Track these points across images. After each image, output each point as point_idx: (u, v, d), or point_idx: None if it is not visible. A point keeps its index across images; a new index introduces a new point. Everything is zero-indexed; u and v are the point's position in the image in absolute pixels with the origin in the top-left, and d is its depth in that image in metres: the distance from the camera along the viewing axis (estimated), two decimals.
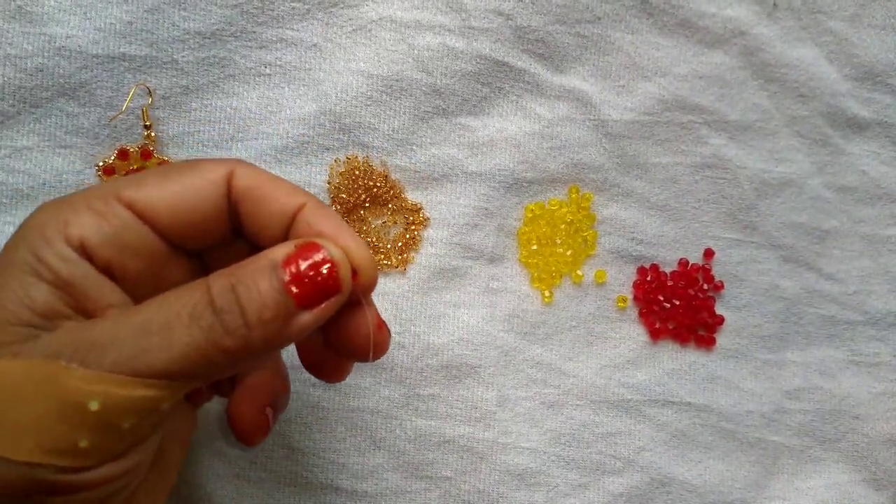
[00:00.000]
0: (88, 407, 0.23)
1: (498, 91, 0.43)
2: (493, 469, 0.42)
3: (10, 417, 0.24)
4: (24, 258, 0.26)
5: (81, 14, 0.39)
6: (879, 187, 0.46)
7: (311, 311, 0.26)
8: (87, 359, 0.24)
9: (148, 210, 0.27)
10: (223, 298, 0.25)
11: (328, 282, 0.26)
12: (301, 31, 0.41)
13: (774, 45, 0.45)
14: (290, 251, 0.26)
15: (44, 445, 0.24)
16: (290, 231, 0.28)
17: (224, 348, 0.25)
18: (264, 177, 0.29)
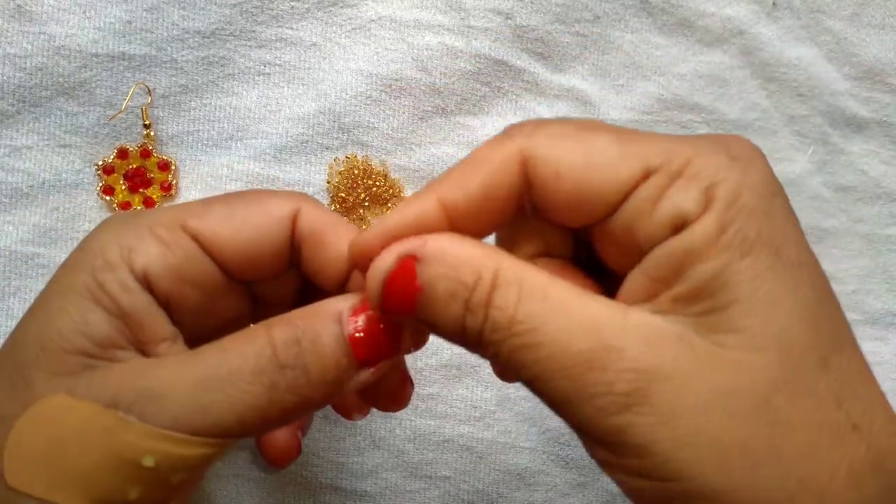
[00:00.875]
0: (143, 463, 0.23)
1: (497, 90, 0.43)
2: (493, 468, 0.42)
3: (64, 463, 0.23)
4: (86, 283, 0.25)
5: (81, 13, 0.39)
6: (879, 186, 0.46)
7: (369, 371, 0.25)
8: (146, 411, 0.23)
9: (212, 243, 0.27)
10: (287, 353, 0.24)
11: (390, 342, 0.25)
12: (300, 31, 0.41)
13: (774, 45, 0.45)
14: (356, 303, 0.25)
15: (92, 495, 0.23)
16: (349, 278, 0.28)
17: (284, 406, 0.24)
18: (328, 219, 0.28)
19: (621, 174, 0.23)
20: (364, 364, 0.25)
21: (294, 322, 0.24)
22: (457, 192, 0.24)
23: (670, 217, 0.23)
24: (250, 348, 0.24)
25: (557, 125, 0.25)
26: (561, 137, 0.24)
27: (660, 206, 0.23)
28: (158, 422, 0.23)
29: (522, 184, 0.24)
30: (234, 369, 0.24)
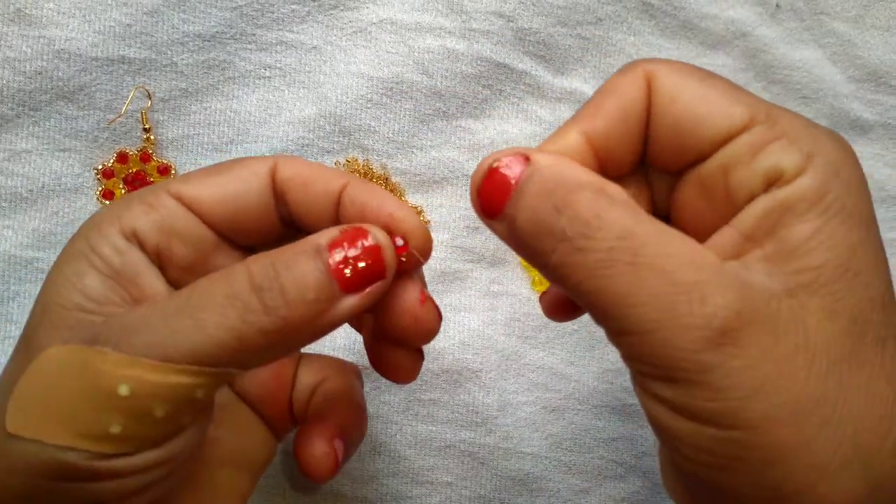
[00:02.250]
0: (118, 392, 0.23)
1: (499, 93, 0.43)
2: (495, 474, 0.42)
3: (47, 402, 0.24)
4: (81, 249, 0.27)
5: (81, 17, 0.39)
6: (883, 189, 0.46)
7: (355, 296, 0.25)
8: (121, 343, 0.24)
9: (194, 200, 0.28)
10: (263, 275, 0.24)
11: (373, 266, 0.26)
12: (301, 34, 0.41)
13: (777, 47, 0.44)
14: (335, 235, 0.26)
15: (76, 429, 0.23)
16: (338, 210, 0.28)
17: (260, 328, 0.24)
18: (305, 164, 0.29)
19: (732, 114, 0.24)
20: (349, 289, 0.25)
21: (273, 253, 0.25)
22: (595, 120, 0.26)
23: (769, 168, 0.24)
24: (227, 278, 0.25)
25: (681, 63, 0.26)
26: (682, 68, 0.26)
27: (760, 156, 0.24)
28: (133, 351, 0.23)
29: (648, 107, 0.26)
30: (206, 294, 0.24)
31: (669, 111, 0.25)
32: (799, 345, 0.22)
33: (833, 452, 0.22)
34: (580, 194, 0.24)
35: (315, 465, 0.32)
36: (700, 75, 0.26)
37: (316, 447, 0.32)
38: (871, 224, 0.24)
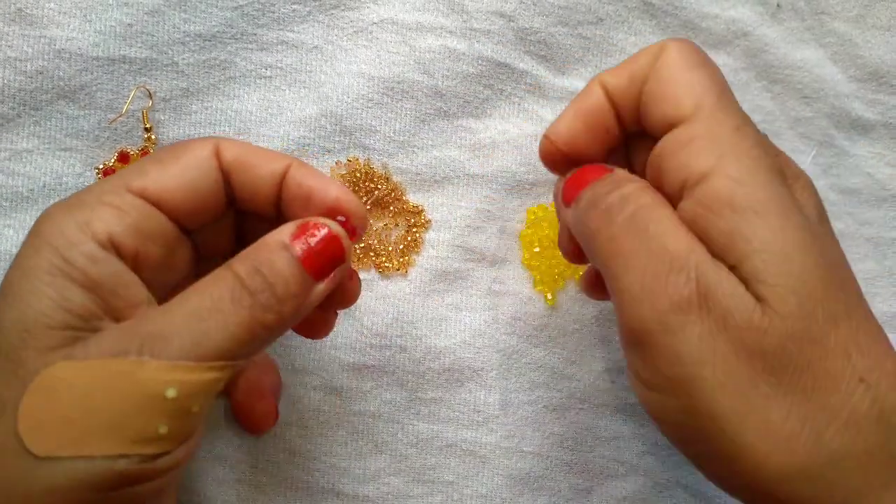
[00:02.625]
0: (166, 395, 0.25)
1: (500, 93, 0.43)
2: (496, 473, 0.42)
3: (89, 417, 0.24)
4: (52, 262, 0.26)
5: (82, 17, 0.39)
6: (885, 189, 0.46)
7: (323, 282, 0.29)
8: (155, 350, 0.25)
9: (158, 195, 0.29)
10: (253, 281, 0.27)
11: (335, 254, 0.29)
12: (302, 34, 0.41)
13: (778, 47, 0.44)
14: (293, 230, 0.29)
15: (130, 437, 0.25)
16: (282, 189, 0.31)
17: (265, 324, 0.27)
18: (247, 147, 0.31)
19: (681, 102, 0.28)
20: (319, 276, 0.29)
21: (248, 256, 0.28)
22: (613, 77, 0.31)
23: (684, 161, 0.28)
24: (223, 283, 0.27)
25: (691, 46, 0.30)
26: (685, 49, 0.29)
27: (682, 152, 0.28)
28: (169, 356, 0.25)
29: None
30: (216, 300, 0.26)
31: (651, 83, 0.30)
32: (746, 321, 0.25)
33: (780, 423, 0.25)
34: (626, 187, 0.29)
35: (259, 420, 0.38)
36: (693, 60, 0.29)
37: (258, 406, 0.37)
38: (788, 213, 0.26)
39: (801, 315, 0.25)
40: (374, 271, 0.42)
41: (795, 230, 0.26)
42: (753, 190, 0.26)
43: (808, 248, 0.26)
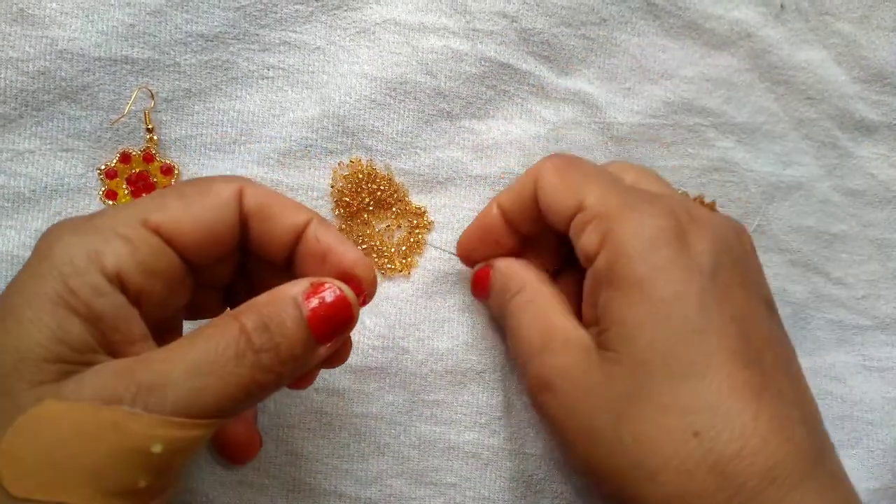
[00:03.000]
0: (152, 450, 0.24)
1: (503, 94, 0.43)
2: (499, 475, 0.41)
3: (69, 462, 0.24)
4: (57, 290, 0.25)
5: (84, 17, 0.38)
6: (889, 190, 0.46)
7: (327, 345, 0.29)
8: (149, 403, 0.24)
9: (174, 233, 0.28)
10: (259, 337, 0.26)
11: (344, 320, 0.29)
12: (304, 34, 0.41)
13: (782, 48, 0.44)
14: (307, 288, 0.28)
15: (108, 488, 0.24)
16: (299, 244, 0.30)
17: (262, 384, 0.27)
18: (271, 194, 0.30)
19: (566, 202, 0.34)
20: (323, 340, 0.28)
21: (259, 309, 0.27)
22: (505, 198, 0.38)
23: (581, 249, 0.33)
24: (228, 336, 0.26)
25: (564, 157, 0.37)
26: (554, 166, 0.35)
27: (579, 238, 0.33)
28: (162, 410, 0.24)
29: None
30: (219, 355, 0.26)
31: (541, 197, 0.35)
32: (591, 389, 0.31)
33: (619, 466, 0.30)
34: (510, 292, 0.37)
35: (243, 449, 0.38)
36: (561, 171, 0.35)
37: (241, 433, 0.37)
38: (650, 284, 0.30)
39: (635, 377, 0.30)
40: (376, 272, 0.42)
41: (648, 303, 0.30)
42: (625, 265, 0.31)
43: (654, 318, 0.30)
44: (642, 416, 0.29)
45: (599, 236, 0.32)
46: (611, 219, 0.32)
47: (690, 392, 0.29)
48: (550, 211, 0.35)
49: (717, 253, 0.31)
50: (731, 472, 0.28)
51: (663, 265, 0.30)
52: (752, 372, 0.29)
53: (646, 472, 0.29)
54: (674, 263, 0.30)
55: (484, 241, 0.38)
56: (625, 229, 0.31)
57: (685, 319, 0.30)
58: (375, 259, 0.42)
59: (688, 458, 0.28)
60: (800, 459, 0.28)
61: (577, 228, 0.33)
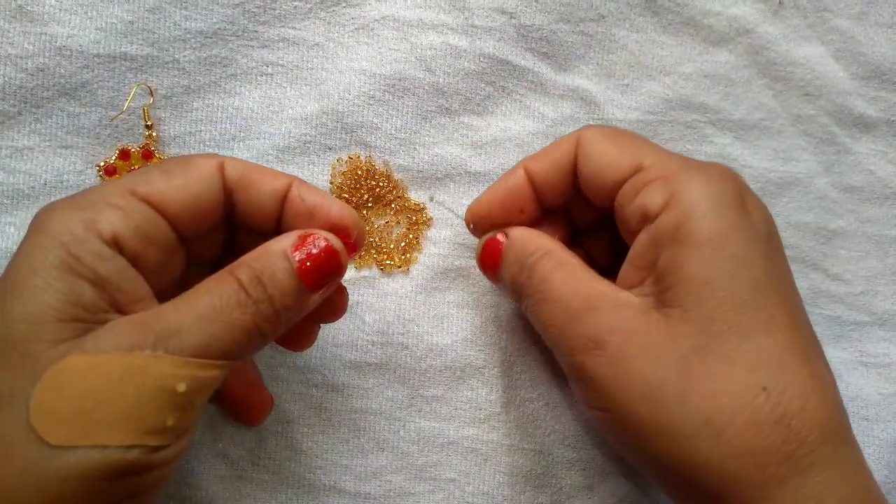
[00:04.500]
0: (177, 389, 0.26)
1: (501, 90, 0.43)
2: (498, 471, 0.42)
3: (104, 408, 0.25)
4: (61, 258, 0.27)
5: (83, 13, 0.39)
6: (887, 187, 0.46)
7: (319, 293, 0.31)
8: (169, 347, 0.27)
9: (162, 203, 0.30)
10: (255, 290, 0.28)
11: (332, 267, 0.31)
12: (303, 31, 0.41)
13: (780, 44, 0.44)
14: (294, 241, 0.30)
15: (142, 428, 0.26)
16: (284, 206, 0.32)
17: (263, 331, 0.29)
18: (250, 165, 0.32)
19: (620, 164, 0.33)
20: (315, 288, 0.30)
21: (250, 264, 0.29)
22: (538, 163, 0.36)
23: (640, 208, 0.32)
24: (228, 288, 0.28)
25: (607, 127, 0.35)
26: (602, 133, 0.34)
27: (636, 198, 0.32)
28: (182, 352, 0.27)
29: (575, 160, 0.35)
30: (224, 304, 0.28)
31: (587, 162, 0.34)
32: (651, 344, 0.30)
33: (681, 424, 0.29)
34: (531, 259, 0.34)
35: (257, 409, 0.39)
36: (612, 137, 0.34)
37: (253, 396, 0.38)
38: (724, 242, 0.30)
39: (704, 334, 0.29)
40: (375, 269, 0.42)
41: (722, 260, 0.30)
42: (698, 223, 0.30)
43: (727, 274, 0.30)
44: (711, 373, 0.29)
45: (665, 196, 0.31)
46: (676, 180, 0.31)
47: (758, 348, 0.29)
48: (598, 176, 0.34)
49: (768, 221, 0.32)
50: (796, 426, 0.28)
51: (733, 225, 0.30)
52: (803, 335, 0.31)
53: (713, 429, 0.28)
54: (740, 225, 0.31)
55: (504, 208, 0.36)
56: (693, 190, 0.31)
57: (753, 278, 0.30)
58: (375, 255, 0.42)
59: (757, 412, 0.28)
60: (844, 419, 0.30)
61: (633, 190, 0.32)
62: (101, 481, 0.25)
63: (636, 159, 0.33)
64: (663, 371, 0.29)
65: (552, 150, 0.35)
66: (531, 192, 0.36)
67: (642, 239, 0.32)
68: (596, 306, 0.32)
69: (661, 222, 0.31)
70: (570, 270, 0.33)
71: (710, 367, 0.29)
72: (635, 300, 0.32)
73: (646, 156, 0.33)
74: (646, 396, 0.30)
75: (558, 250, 0.34)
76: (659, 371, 0.30)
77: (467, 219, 0.37)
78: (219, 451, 0.40)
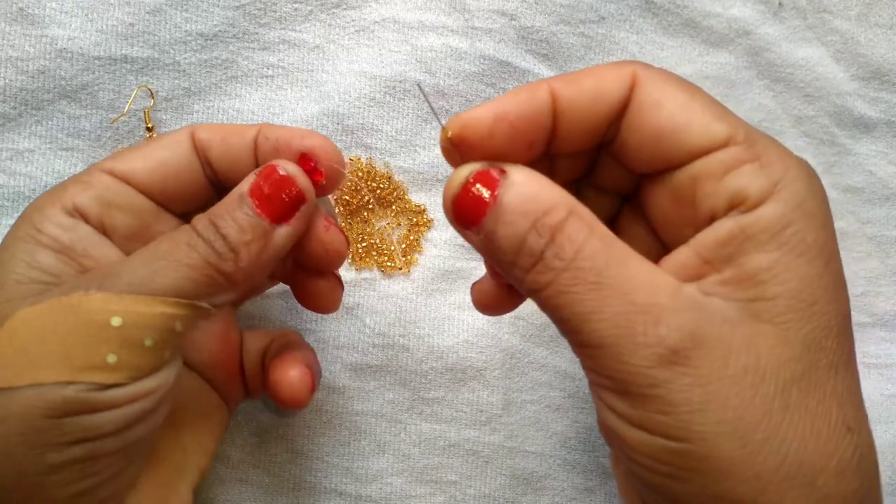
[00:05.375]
0: (111, 323, 0.26)
1: (502, 91, 0.43)
2: (499, 473, 0.41)
3: (41, 349, 0.26)
4: (27, 232, 0.29)
5: (83, 16, 0.39)
6: (887, 188, 0.46)
7: (287, 225, 0.29)
8: (104, 286, 0.27)
9: (127, 172, 0.30)
10: (207, 232, 0.28)
11: (290, 193, 0.29)
12: (304, 33, 0.41)
13: (780, 45, 0.44)
14: (253, 180, 0.29)
15: (74, 364, 0.26)
16: (256, 152, 0.31)
17: (223, 270, 0.28)
18: (221, 125, 0.32)
19: (713, 129, 0.26)
20: (277, 219, 0.29)
21: (209, 211, 0.29)
22: (570, 87, 0.27)
23: (735, 190, 0.25)
24: (181, 233, 0.28)
25: (669, 72, 0.27)
26: (670, 77, 0.27)
27: (730, 176, 0.25)
28: (118, 290, 0.27)
29: (626, 101, 0.27)
30: (172, 245, 0.28)
31: (653, 115, 0.26)
32: (749, 367, 0.24)
33: (776, 467, 0.24)
34: (555, 216, 0.25)
35: (294, 387, 0.34)
36: (686, 86, 0.27)
37: (291, 371, 0.35)
38: (830, 256, 0.25)
39: (802, 360, 0.24)
40: (376, 270, 0.42)
41: (828, 277, 0.25)
42: (801, 227, 0.25)
43: (831, 297, 0.25)
44: (808, 408, 0.24)
45: (770, 183, 0.25)
46: (778, 167, 0.25)
47: (843, 382, 0.25)
48: (673, 135, 0.26)
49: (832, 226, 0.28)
50: (868, 469, 0.25)
51: (833, 235, 0.26)
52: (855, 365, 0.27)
53: (807, 476, 0.24)
54: (835, 238, 0.26)
55: (512, 132, 0.27)
56: (802, 184, 0.25)
57: (847, 301, 0.26)
58: (375, 257, 0.42)
59: (843, 455, 0.24)
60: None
61: (722, 166, 0.25)
62: (42, 420, 0.26)
63: (730, 127, 0.26)
64: (764, 402, 0.24)
65: (592, 77, 0.27)
66: (549, 123, 0.27)
67: (725, 227, 0.25)
68: (673, 305, 0.24)
69: (763, 214, 0.25)
70: (612, 245, 0.25)
71: (808, 402, 0.24)
72: (722, 304, 0.25)
73: (739, 125, 0.26)
74: (737, 431, 0.24)
75: (587, 212, 0.26)
76: (758, 401, 0.24)
77: (453, 129, 0.27)
78: (219, 454, 0.40)
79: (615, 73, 0.27)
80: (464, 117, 0.26)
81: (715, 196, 0.26)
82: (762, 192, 0.25)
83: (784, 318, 0.24)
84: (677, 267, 0.26)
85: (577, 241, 0.25)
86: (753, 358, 0.24)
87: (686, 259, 0.26)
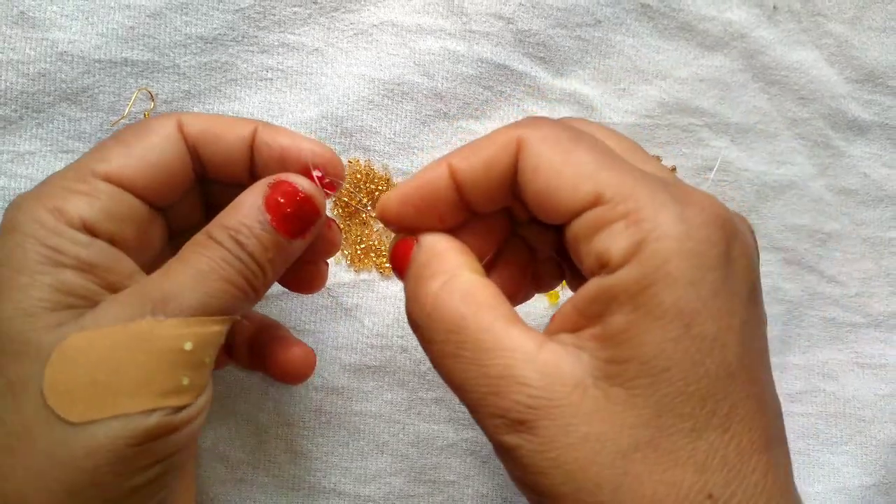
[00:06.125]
0: (184, 348, 0.27)
1: (499, 94, 0.43)
2: (497, 473, 0.42)
3: (117, 377, 0.26)
4: (41, 253, 0.27)
5: (84, 19, 0.39)
6: (881, 189, 0.46)
7: (302, 238, 0.30)
8: (168, 310, 0.27)
9: (124, 178, 0.29)
10: (234, 248, 0.29)
11: (309, 213, 0.30)
12: (303, 36, 0.41)
13: (775, 48, 0.45)
14: (267, 192, 0.29)
15: (158, 391, 0.26)
16: (254, 153, 0.31)
17: (254, 285, 0.29)
18: (211, 117, 0.31)
19: (578, 191, 0.26)
20: (294, 236, 0.30)
21: (225, 224, 0.29)
22: (466, 161, 0.28)
23: (598, 252, 0.25)
24: (211, 249, 0.28)
25: (559, 127, 0.28)
26: (551, 138, 0.27)
27: (595, 237, 0.26)
28: (182, 313, 0.27)
29: (514, 167, 0.28)
30: (213, 262, 0.28)
31: (532, 180, 0.27)
32: (589, 435, 0.24)
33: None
34: (428, 286, 0.27)
35: (299, 365, 0.36)
36: (567, 147, 0.27)
37: (295, 348, 0.36)
38: (693, 318, 0.24)
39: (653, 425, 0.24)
40: (374, 272, 0.42)
41: (687, 341, 0.24)
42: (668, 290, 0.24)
43: (690, 361, 0.24)
44: (653, 474, 0.24)
45: (631, 244, 0.25)
46: (646, 220, 0.25)
47: (710, 447, 0.24)
48: (546, 200, 0.27)
49: (753, 269, 0.27)
50: None
51: (710, 294, 0.25)
52: (767, 419, 0.26)
53: None
54: (720, 291, 0.25)
55: (420, 211, 0.29)
56: (667, 241, 0.24)
57: (723, 364, 0.25)
58: (374, 258, 0.42)
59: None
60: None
61: (589, 228, 0.26)
62: (128, 449, 0.26)
63: (596, 186, 0.26)
64: (601, 469, 0.24)
65: (485, 146, 0.28)
66: (454, 198, 0.29)
67: (594, 287, 0.25)
68: (525, 376, 0.25)
69: (622, 277, 0.25)
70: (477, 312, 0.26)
71: (654, 468, 0.24)
72: (587, 362, 0.25)
73: (608, 181, 0.26)
74: (580, 491, 0.24)
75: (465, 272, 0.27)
76: (595, 468, 0.24)
77: (376, 212, 0.30)
78: (219, 454, 0.40)
79: (504, 140, 0.28)
80: (380, 202, 0.30)
81: (588, 255, 0.26)
82: (624, 253, 0.25)
83: (634, 384, 0.24)
84: (563, 316, 0.27)
85: (440, 310, 0.27)
86: (596, 425, 0.24)
87: (568, 310, 0.27)
